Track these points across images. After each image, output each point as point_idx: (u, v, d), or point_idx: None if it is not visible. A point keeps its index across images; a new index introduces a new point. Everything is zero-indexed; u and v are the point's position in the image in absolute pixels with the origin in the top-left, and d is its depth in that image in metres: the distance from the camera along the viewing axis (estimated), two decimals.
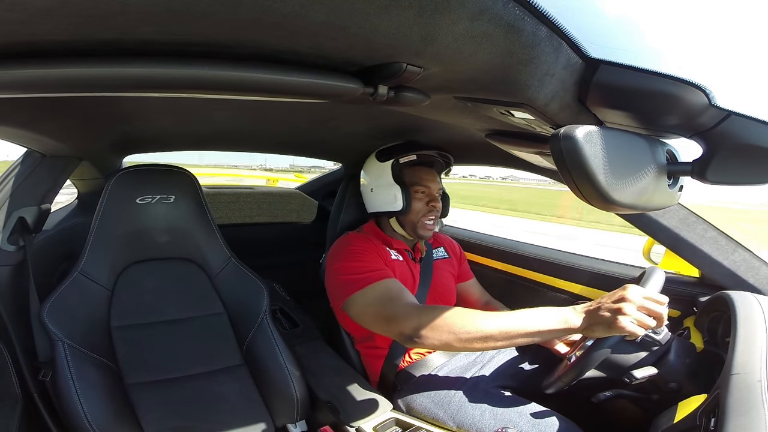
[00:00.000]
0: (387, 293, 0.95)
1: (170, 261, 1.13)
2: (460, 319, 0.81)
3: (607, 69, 0.44)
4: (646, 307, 0.71)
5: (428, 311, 0.86)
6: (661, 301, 0.72)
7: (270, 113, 0.94)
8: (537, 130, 0.63)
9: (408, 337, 0.85)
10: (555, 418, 0.86)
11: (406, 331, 0.85)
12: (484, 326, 0.79)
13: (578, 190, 0.43)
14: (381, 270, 1.01)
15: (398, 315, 0.88)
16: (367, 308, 0.96)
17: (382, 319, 0.92)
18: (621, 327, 0.70)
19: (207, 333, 1.10)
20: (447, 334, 0.81)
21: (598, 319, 0.73)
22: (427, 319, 0.83)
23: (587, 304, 0.77)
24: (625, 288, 0.74)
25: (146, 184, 1.07)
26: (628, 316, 0.70)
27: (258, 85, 0.44)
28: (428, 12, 0.33)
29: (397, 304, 0.91)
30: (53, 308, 0.86)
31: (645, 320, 0.71)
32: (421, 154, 1.15)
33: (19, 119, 0.75)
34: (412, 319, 0.85)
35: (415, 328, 0.83)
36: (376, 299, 0.95)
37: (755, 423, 0.53)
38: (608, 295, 0.75)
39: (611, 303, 0.73)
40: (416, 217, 1.13)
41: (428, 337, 0.82)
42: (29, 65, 0.38)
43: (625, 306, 0.71)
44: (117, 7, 0.30)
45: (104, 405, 0.84)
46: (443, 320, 0.82)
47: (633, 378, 0.76)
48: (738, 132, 0.44)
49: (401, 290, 0.96)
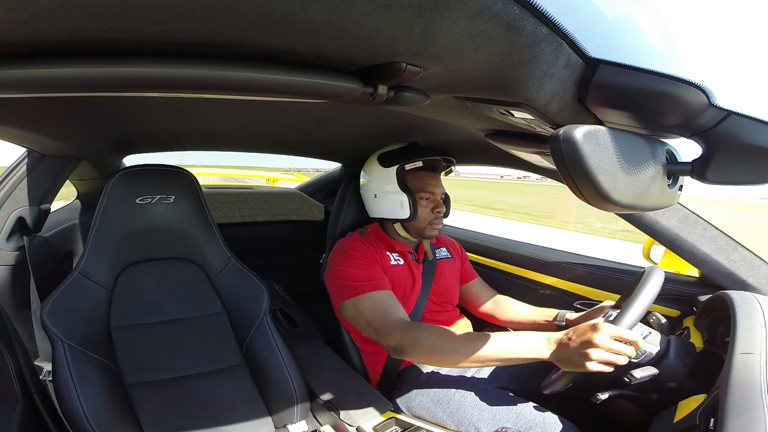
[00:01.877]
0: (378, 305, 0.99)
1: (170, 261, 1.13)
2: (440, 340, 0.88)
3: (607, 69, 0.43)
4: (614, 349, 0.71)
5: (412, 329, 0.92)
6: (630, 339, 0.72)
7: (270, 113, 0.94)
8: (537, 130, 0.62)
9: (393, 350, 0.93)
10: (554, 418, 0.86)
11: (391, 344, 0.93)
12: (459, 350, 0.85)
13: (578, 190, 0.43)
14: (375, 280, 1.03)
15: (385, 329, 0.94)
16: (358, 316, 1.01)
17: (371, 329, 0.98)
18: (587, 369, 0.72)
19: (207, 333, 1.10)
20: (427, 352, 0.89)
21: (566, 355, 0.75)
22: (410, 336, 0.90)
23: (560, 335, 0.78)
24: (596, 327, 0.73)
25: (146, 184, 1.07)
26: (593, 362, 0.71)
27: (258, 85, 0.44)
28: (428, 11, 0.33)
29: (386, 319, 0.96)
30: (53, 308, 0.86)
31: (613, 359, 0.71)
32: (427, 160, 1.14)
33: (19, 119, 0.75)
34: (396, 335, 0.92)
35: (399, 344, 0.91)
36: (368, 309, 0.99)
37: (755, 423, 0.53)
38: (578, 332, 0.75)
39: (578, 344, 0.73)
40: (423, 223, 1.14)
41: (411, 352, 0.90)
42: (29, 65, 0.38)
43: (592, 352, 0.71)
44: (117, 7, 0.30)
45: (104, 405, 0.84)
46: (425, 339, 0.89)
47: (633, 378, 0.76)
48: (738, 132, 0.44)
49: (392, 304, 1.00)
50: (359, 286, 1.02)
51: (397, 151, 1.16)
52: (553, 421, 0.86)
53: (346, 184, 1.37)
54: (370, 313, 0.98)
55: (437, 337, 0.89)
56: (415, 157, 1.13)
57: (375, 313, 0.98)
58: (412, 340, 0.89)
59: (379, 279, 1.04)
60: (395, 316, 0.97)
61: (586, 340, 0.72)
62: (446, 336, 0.88)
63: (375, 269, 1.07)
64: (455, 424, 0.92)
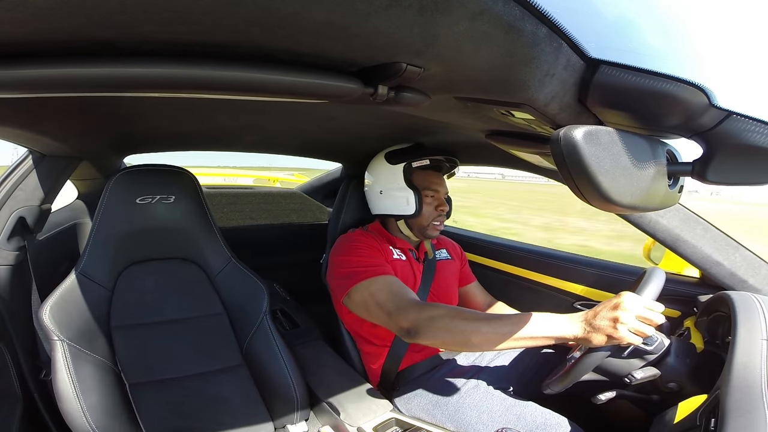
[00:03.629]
0: (389, 287, 0.96)
1: (170, 261, 1.13)
2: (458, 318, 0.82)
3: (608, 69, 0.43)
4: (642, 316, 0.71)
5: (428, 308, 0.87)
6: (656, 309, 0.72)
7: (270, 113, 0.94)
8: (537, 130, 0.62)
9: (407, 331, 0.86)
10: (555, 418, 0.86)
11: (405, 324, 0.86)
12: (480, 327, 0.79)
13: (578, 190, 0.43)
14: (383, 266, 1.02)
15: (399, 309, 0.89)
16: (369, 299, 0.96)
17: (383, 312, 0.93)
18: (619, 337, 0.71)
19: (207, 333, 1.10)
20: (443, 332, 0.82)
21: (596, 328, 0.73)
22: (426, 316, 0.84)
23: (583, 313, 0.77)
24: (621, 296, 0.73)
25: (146, 184, 1.07)
26: (625, 325, 0.70)
27: (258, 85, 0.44)
28: (428, 12, 0.33)
29: (400, 298, 0.92)
30: (53, 308, 0.86)
31: (642, 328, 0.71)
32: (433, 159, 1.16)
33: (20, 119, 0.75)
34: (411, 314, 0.86)
35: (414, 322, 0.85)
36: (379, 291, 0.95)
37: (755, 423, 0.53)
38: (604, 304, 0.75)
39: (608, 311, 0.73)
40: (426, 221, 1.15)
41: (426, 333, 0.83)
42: (29, 65, 0.38)
43: (622, 315, 0.71)
44: (116, 7, 0.30)
45: (104, 405, 0.84)
46: (442, 318, 0.83)
47: (633, 378, 0.76)
48: (738, 132, 0.44)
49: (403, 286, 0.97)
50: (367, 270, 1.00)
51: (405, 150, 1.19)
52: (555, 421, 0.85)
53: (347, 184, 1.37)
54: (382, 295, 0.94)
55: (455, 315, 0.83)
56: (422, 156, 1.15)
57: (387, 294, 0.94)
58: (428, 319, 0.83)
59: (385, 265, 1.03)
60: (408, 295, 0.94)
61: (615, 307, 0.72)
62: (465, 315, 0.83)
63: (379, 257, 1.06)
64: (455, 425, 0.92)
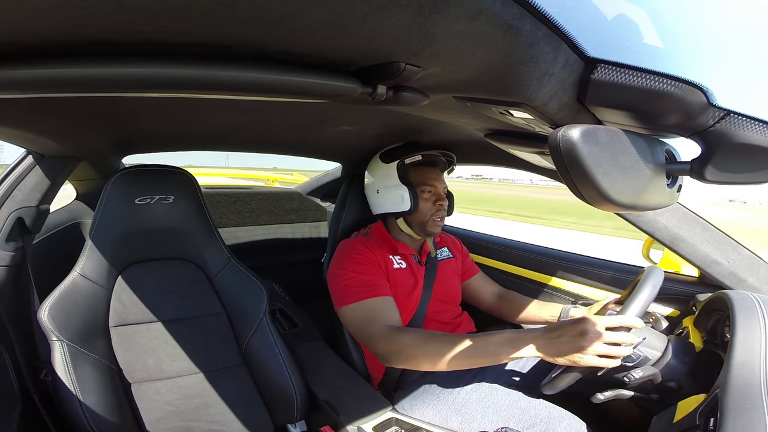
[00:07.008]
0: (371, 314, 0.99)
1: (169, 261, 1.13)
2: (425, 344, 0.86)
3: (606, 68, 0.43)
4: (609, 340, 0.70)
5: (397, 336, 0.91)
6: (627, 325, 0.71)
7: (269, 113, 0.94)
8: (536, 129, 0.62)
9: (381, 357, 0.93)
10: (559, 412, 0.86)
11: (379, 352, 0.93)
12: (448, 352, 0.82)
13: (577, 189, 0.43)
14: (375, 286, 1.03)
15: (375, 337, 0.94)
16: (354, 322, 1.02)
17: (362, 337, 0.99)
18: (584, 364, 0.70)
19: (206, 333, 1.10)
20: (413, 359, 0.88)
21: (560, 351, 0.72)
22: (396, 345, 0.90)
23: (548, 331, 0.75)
24: (583, 322, 0.72)
25: (145, 184, 1.07)
26: (588, 354, 0.69)
27: (257, 85, 0.44)
28: (427, 11, 0.33)
29: (376, 327, 0.95)
30: (52, 308, 0.86)
31: (611, 352, 0.70)
32: (426, 154, 1.16)
33: (19, 119, 0.75)
34: (381, 344, 0.92)
35: (385, 352, 0.92)
36: (362, 317, 0.99)
37: (755, 423, 0.53)
38: (567, 326, 0.74)
39: (570, 337, 0.72)
40: (425, 216, 1.15)
41: (397, 360, 0.90)
42: (29, 65, 0.38)
43: (585, 344, 0.69)
44: (115, 7, 0.30)
45: (103, 405, 0.84)
46: (408, 346, 0.88)
47: (632, 378, 0.76)
48: (736, 131, 0.44)
49: (385, 311, 1.00)
50: (357, 292, 1.02)
51: (397, 148, 1.19)
52: (558, 415, 0.86)
53: (347, 184, 1.37)
54: (361, 323, 0.99)
55: (422, 341, 0.87)
56: (414, 152, 1.15)
57: (365, 322, 0.98)
58: (398, 346, 0.89)
59: (379, 285, 1.04)
60: (384, 323, 0.96)
61: (578, 334, 0.71)
62: (432, 340, 0.86)
63: (376, 274, 1.07)
64: (457, 424, 0.92)
